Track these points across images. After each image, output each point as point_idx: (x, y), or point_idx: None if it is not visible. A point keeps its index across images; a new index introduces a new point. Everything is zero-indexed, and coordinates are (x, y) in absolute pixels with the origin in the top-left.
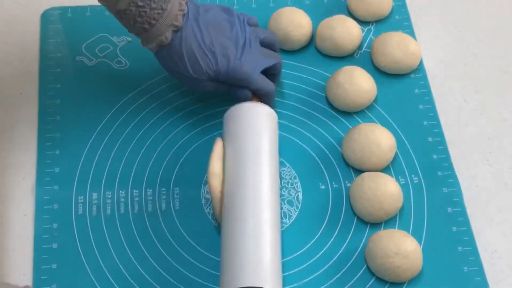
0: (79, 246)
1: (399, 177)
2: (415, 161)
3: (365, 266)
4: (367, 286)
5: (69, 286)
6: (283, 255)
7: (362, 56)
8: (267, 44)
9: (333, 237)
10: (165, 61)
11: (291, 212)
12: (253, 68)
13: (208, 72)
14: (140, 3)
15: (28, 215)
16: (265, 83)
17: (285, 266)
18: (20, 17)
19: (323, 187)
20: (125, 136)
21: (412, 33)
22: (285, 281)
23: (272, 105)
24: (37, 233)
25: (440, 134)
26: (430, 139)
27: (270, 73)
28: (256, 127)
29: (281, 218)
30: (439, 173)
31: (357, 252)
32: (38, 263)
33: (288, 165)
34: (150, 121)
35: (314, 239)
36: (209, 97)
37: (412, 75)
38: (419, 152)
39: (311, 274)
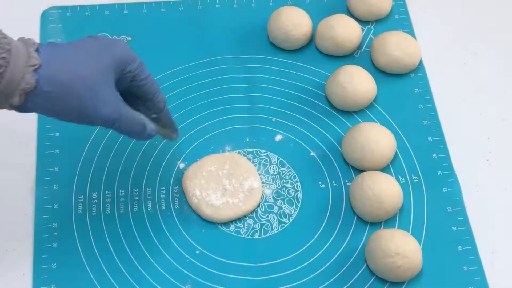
0: (79, 245)
1: (399, 176)
2: (415, 160)
3: (365, 265)
4: (367, 285)
5: (69, 285)
6: (284, 254)
7: (362, 56)
8: None
9: (333, 236)
10: (45, 109)
11: (291, 212)
12: None
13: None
14: None
15: (28, 215)
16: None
17: (284, 266)
18: (20, 17)
19: (323, 186)
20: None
21: (412, 33)
22: (284, 280)
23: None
24: (37, 233)
25: (440, 134)
26: (430, 138)
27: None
28: None
29: (282, 217)
30: (439, 173)
31: (357, 251)
32: (38, 263)
33: (288, 165)
34: None
35: (313, 239)
36: (208, 97)
37: (412, 75)
38: (419, 151)
39: (311, 274)
